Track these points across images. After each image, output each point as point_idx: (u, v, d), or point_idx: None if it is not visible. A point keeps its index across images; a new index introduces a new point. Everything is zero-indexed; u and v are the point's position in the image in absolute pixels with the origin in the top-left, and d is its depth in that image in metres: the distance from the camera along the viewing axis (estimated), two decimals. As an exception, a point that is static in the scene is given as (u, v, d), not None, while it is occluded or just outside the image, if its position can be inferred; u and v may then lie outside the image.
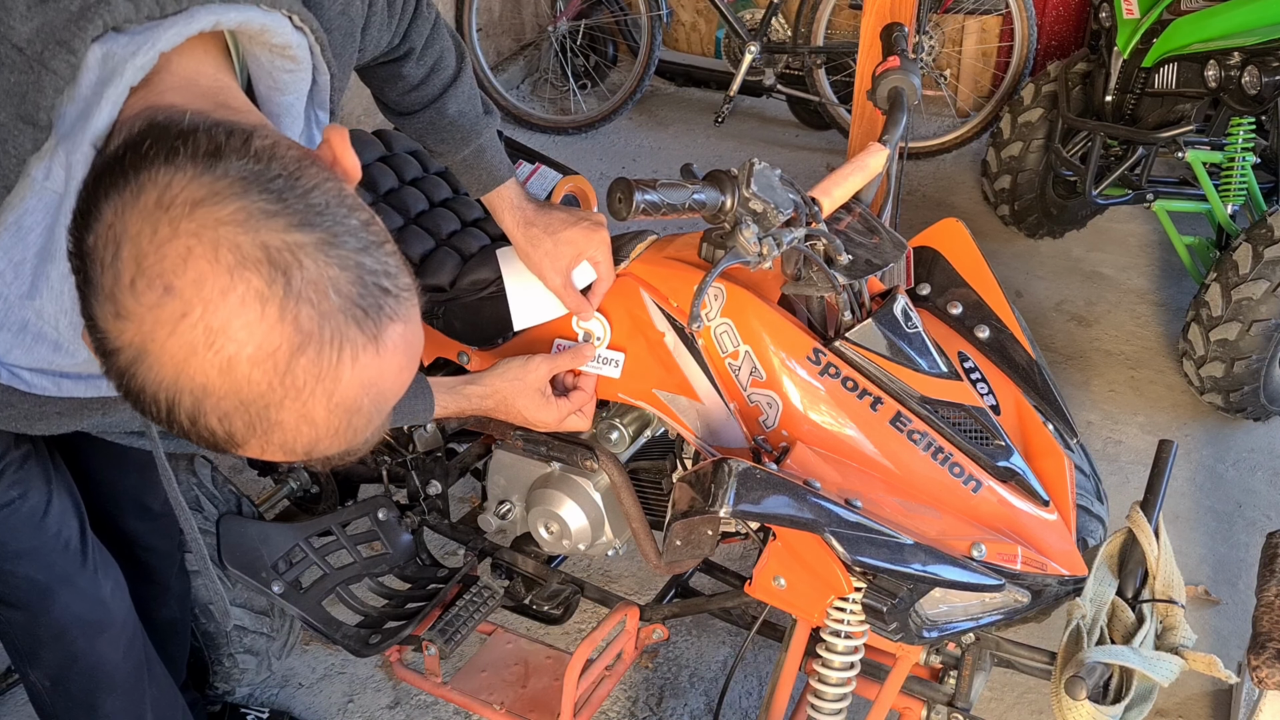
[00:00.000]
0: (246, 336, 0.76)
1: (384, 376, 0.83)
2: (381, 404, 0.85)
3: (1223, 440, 2.93)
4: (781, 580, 1.49)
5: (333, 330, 0.79)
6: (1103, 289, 3.56)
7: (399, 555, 1.99)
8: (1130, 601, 1.50)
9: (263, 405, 0.79)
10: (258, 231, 0.77)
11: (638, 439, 1.74)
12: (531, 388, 1.56)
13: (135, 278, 0.76)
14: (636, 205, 1.25)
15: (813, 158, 4.37)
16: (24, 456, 1.42)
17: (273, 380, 0.78)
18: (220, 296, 0.76)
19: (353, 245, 0.80)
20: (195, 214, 0.76)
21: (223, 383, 0.78)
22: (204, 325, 0.76)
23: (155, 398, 0.79)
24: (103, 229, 0.78)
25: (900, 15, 2.62)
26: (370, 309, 0.80)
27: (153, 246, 0.76)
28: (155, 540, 1.81)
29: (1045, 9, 4.38)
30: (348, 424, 0.83)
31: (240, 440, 0.81)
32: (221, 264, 0.76)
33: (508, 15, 4.85)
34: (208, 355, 0.77)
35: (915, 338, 1.49)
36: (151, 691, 1.68)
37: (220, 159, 0.79)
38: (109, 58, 0.87)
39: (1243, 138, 3.01)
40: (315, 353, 0.78)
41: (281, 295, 0.77)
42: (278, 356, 0.77)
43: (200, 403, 0.78)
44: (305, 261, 0.78)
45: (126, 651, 1.62)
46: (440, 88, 1.49)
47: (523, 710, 1.88)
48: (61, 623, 1.52)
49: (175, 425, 0.81)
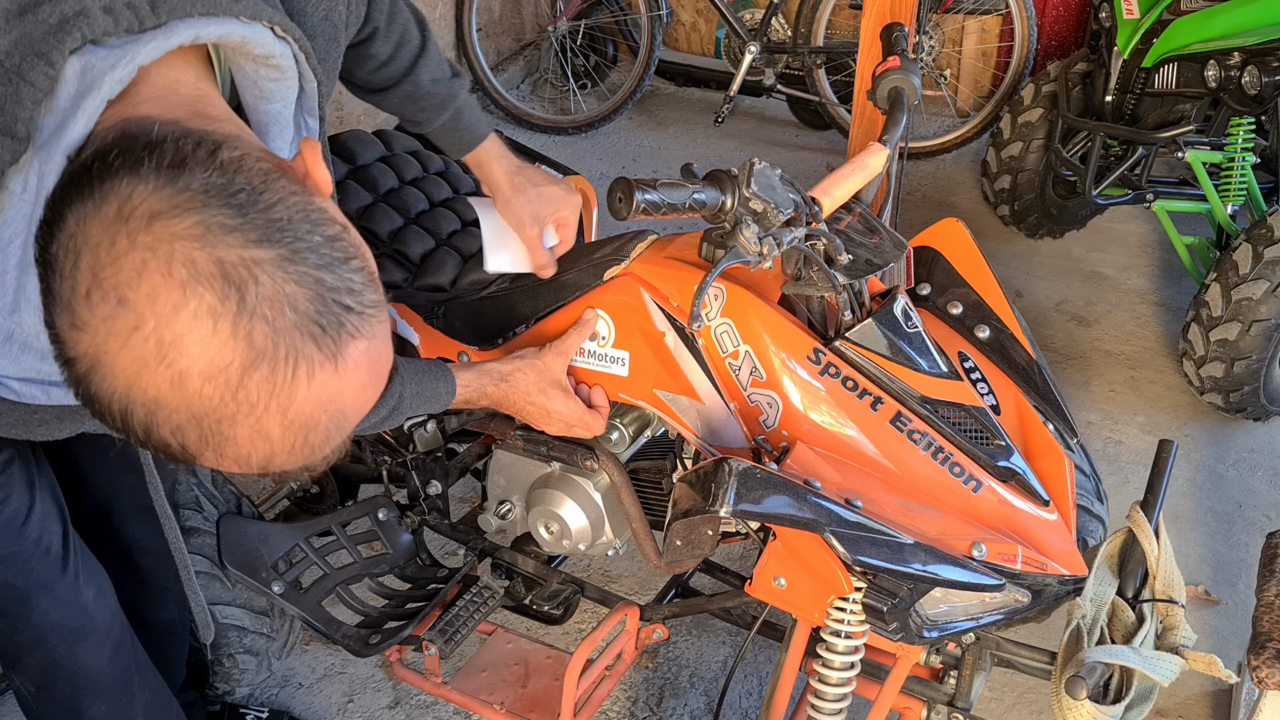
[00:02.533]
0: (198, 352, 0.77)
1: (344, 394, 0.83)
2: (341, 421, 0.85)
3: (1223, 440, 2.93)
4: (782, 580, 1.49)
5: (288, 347, 0.78)
6: (1103, 289, 3.56)
7: (399, 555, 1.99)
8: (1130, 601, 1.50)
9: (215, 420, 0.79)
10: (214, 247, 0.77)
11: (638, 439, 1.74)
12: (550, 374, 1.56)
13: (91, 288, 0.77)
14: (637, 205, 1.25)
15: (813, 158, 4.37)
16: (6, 461, 1.42)
17: (224, 396, 0.78)
18: (173, 311, 0.76)
19: (313, 261, 0.80)
20: (153, 227, 0.76)
21: (174, 396, 0.78)
22: (156, 339, 0.76)
23: (110, 408, 0.80)
24: (65, 238, 0.78)
25: (900, 15, 2.62)
26: (329, 326, 0.80)
27: (110, 258, 0.76)
28: (153, 542, 1.80)
29: (1045, 9, 4.38)
30: (304, 440, 0.83)
31: (194, 452, 0.82)
32: (175, 279, 0.76)
33: (508, 15, 4.85)
34: (159, 369, 0.77)
35: (915, 337, 1.49)
36: (142, 695, 1.67)
37: (184, 171, 0.79)
38: (87, 70, 0.87)
39: (1243, 138, 3.01)
40: (269, 369, 0.78)
41: (235, 311, 0.77)
42: (229, 372, 0.77)
43: (153, 415, 0.79)
44: (261, 278, 0.77)
45: (113, 657, 1.61)
46: (409, 60, 1.49)
47: (523, 710, 1.88)
48: (41, 629, 1.52)
49: (132, 435, 0.81)
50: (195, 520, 1.91)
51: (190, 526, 1.90)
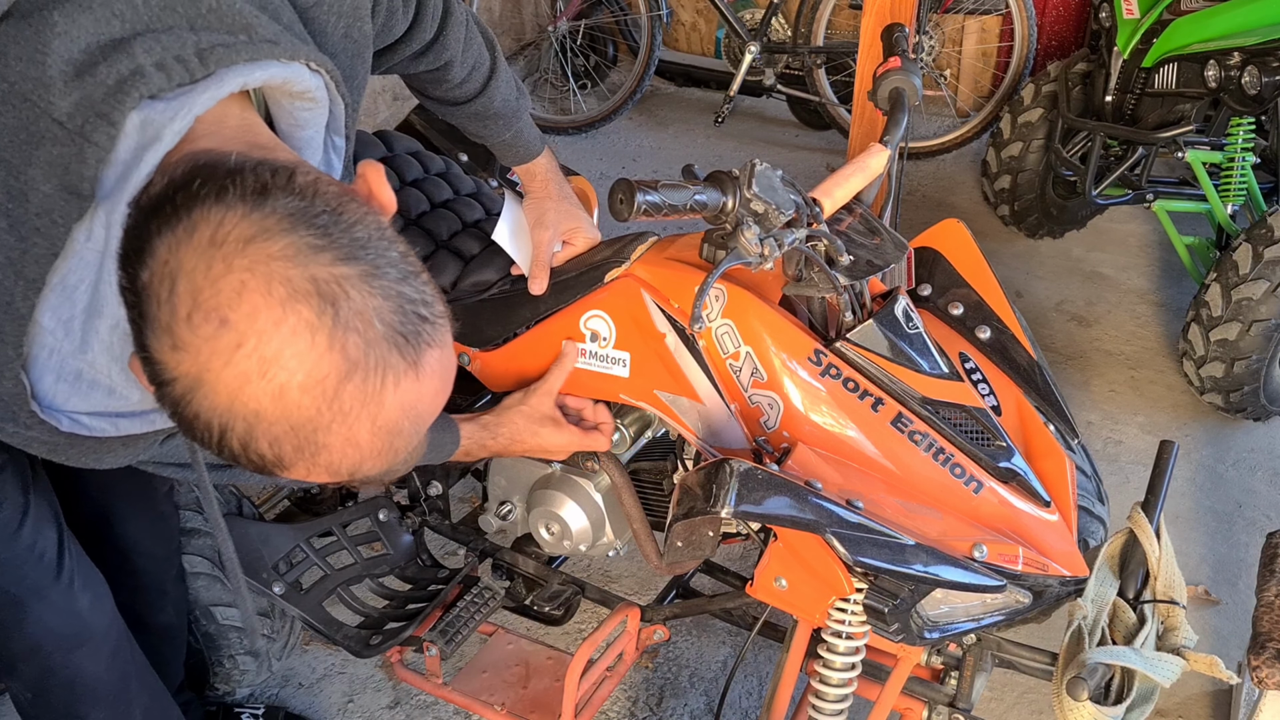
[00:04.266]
0: (297, 365, 0.81)
1: (422, 399, 0.88)
2: (419, 425, 0.90)
3: (1223, 440, 2.93)
4: (783, 581, 1.49)
5: (377, 357, 0.83)
6: (1103, 289, 3.56)
7: (400, 556, 1.99)
8: (1131, 602, 1.50)
9: (311, 429, 0.84)
10: (306, 265, 0.81)
11: (639, 440, 1.74)
12: (538, 414, 1.60)
13: (191, 311, 0.80)
14: (638, 206, 1.25)
15: (813, 158, 4.37)
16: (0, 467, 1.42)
17: (321, 406, 0.83)
18: (273, 327, 0.80)
19: (393, 276, 0.85)
20: (247, 250, 0.81)
21: (274, 409, 0.82)
22: (258, 355, 0.80)
23: (209, 425, 0.83)
24: (157, 265, 0.81)
25: (900, 15, 2.62)
26: (410, 336, 0.85)
27: (208, 282, 0.80)
28: (152, 545, 1.81)
29: (1045, 9, 4.37)
30: (389, 445, 0.88)
31: (288, 463, 0.86)
32: (274, 297, 0.80)
33: (508, 15, 4.85)
34: (261, 383, 0.81)
35: (916, 338, 1.49)
36: (141, 700, 1.67)
37: (268, 196, 0.83)
38: (147, 124, 0.91)
39: (1243, 138, 3.01)
40: (361, 379, 0.83)
41: (330, 325, 0.81)
42: (326, 383, 0.82)
43: (252, 429, 0.83)
44: (351, 292, 0.82)
45: (110, 663, 1.61)
46: (481, 82, 1.56)
47: (524, 711, 1.88)
48: (35, 636, 1.51)
49: (225, 450, 0.85)
50: (195, 521, 1.91)
51: (191, 528, 1.90)
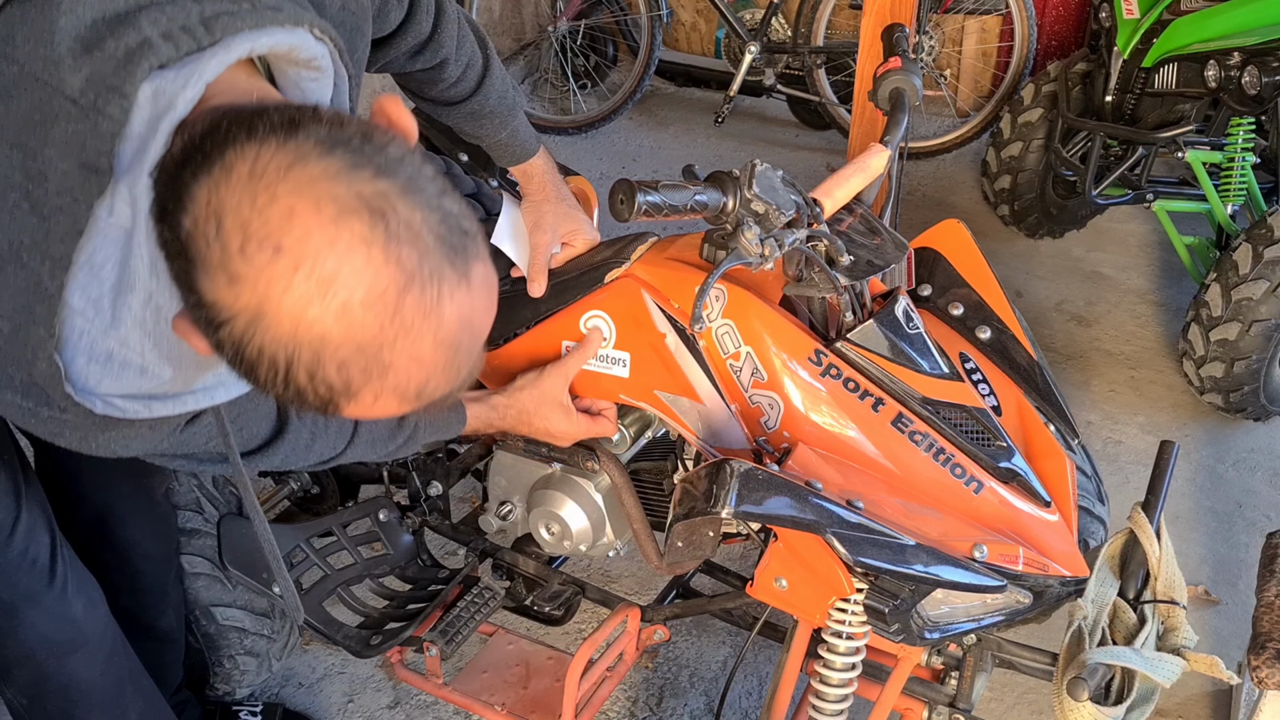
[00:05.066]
0: (356, 281, 0.81)
1: (476, 311, 0.88)
2: (475, 341, 0.90)
3: (1223, 440, 2.93)
4: (783, 581, 1.49)
5: (431, 268, 0.84)
6: (1103, 289, 3.56)
7: (400, 556, 1.99)
8: (1132, 602, 1.50)
9: (376, 348, 0.83)
10: (350, 183, 0.82)
11: (639, 440, 1.74)
12: (551, 398, 1.60)
13: (244, 243, 0.80)
14: (639, 206, 1.25)
15: (813, 158, 4.37)
16: None
17: (384, 321, 0.83)
18: (328, 246, 0.81)
19: (432, 191, 0.86)
20: (289, 176, 0.81)
21: (338, 329, 0.82)
22: (317, 275, 0.80)
23: (274, 359, 0.83)
24: (199, 209, 0.82)
25: (900, 15, 2.62)
26: (458, 248, 0.86)
27: (255, 212, 0.81)
28: (152, 546, 1.80)
29: (1045, 9, 4.37)
30: (451, 360, 0.88)
31: (355, 389, 0.86)
32: (324, 215, 0.81)
33: (508, 15, 4.85)
34: (323, 304, 0.81)
35: (917, 339, 1.49)
36: (137, 704, 1.66)
37: (299, 127, 0.84)
38: (159, 94, 0.91)
39: (1243, 138, 3.00)
40: (419, 290, 0.83)
41: (384, 238, 0.82)
42: (387, 297, 0.82)
43: (319, 354, 0.83)
44: (398, 206, 0.83)
45: (105, 669, 1.60)
46: (476, 80, 1.57)
47: (524, 711, 1.88)
48: (29, 643, 1.51)
49: (292, 385, 0.85)
50: (196, 521, 1.90)
51: (191, 528, 1.89)
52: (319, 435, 1.40)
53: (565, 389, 1.60)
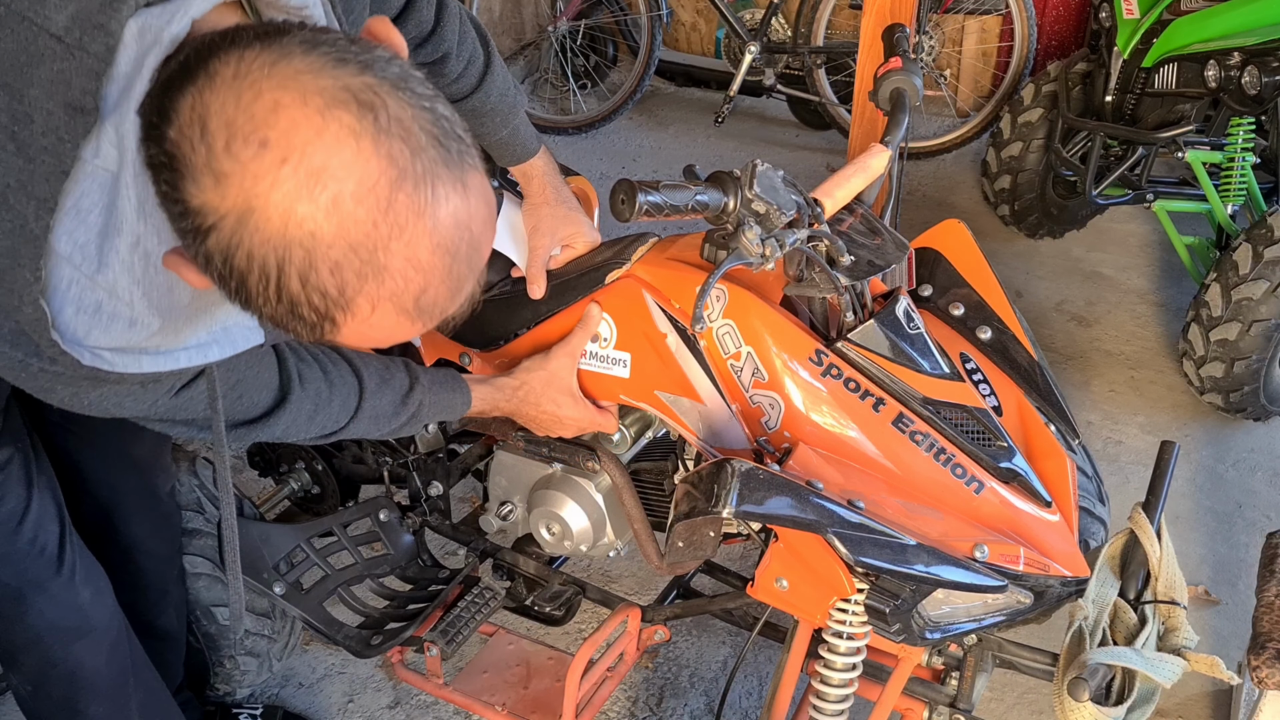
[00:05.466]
0: (346, 173, 0.79)
1: (474, 219, 0.86)
2: (475, 251, 0.87)
3: (1223, 440, 2.93)
4: (784, 581, 1.49)
5: (424, 165, 0.81)
6: (1103, 289, 3.56)
7: (400, 556, 1.99)
8: (1132, 603, 1.50)
9: (370, 248, 0.81)
10: (337, 76, 0.80)
11: (639, 440, 1.74)
12: (558, 379, 1.58)
13: (229, 141, 0.79)
14: (640, 206, 1.25)
15: (813, 158, 4.37)
16: (4, 460, 1.42)
17: (376, 217, 0.80)
18: (316, 137, 0.79)
19: (422, 93, 0.84)
20: (274, 72, 0.80)
21: (330, 226, 0.80)
22: (305, 168, 0.79)
23: (265, 263, 0.81)
24: (183, 117, 0.80)
25: (900, 15, 2.62)
26: (453, 151, 0.84)
27: (239, 110, 0.79)
28: (155, 545, 1.81)
29: (1045, 9, 4.37)
30: (450, 268, 0.85)
31: (351, 295, 0.83)
32: (311, 107, 0.79)
33: (508, 15, 4.85)
34: (313, 196, 0.79)
35: (917, 339, 1.49)
36: (139, 696, 1.67)
37: (282, 34, 0.83)
38: (145, 31, 0.89)
39: (1243, 138, 3.00)
40: (412, 187, 0.81)
41: (373, 130, 0.80)
42: (378, 190, 0.80)
43: (310, 254, 0.80)
44: (388, 100, 0.81)
45: (109, 658, 1.61)
46: (477, 76, 1.56)
47: (524, 711, 1.88)
48: (36, 629, 1.52)
49: (285, 294, 0.82)
50: (196, 521, 1.90)
51: (191, 528, 1.89)
52: (322, 406, 1.38)
53: (573, 371, 1.59)
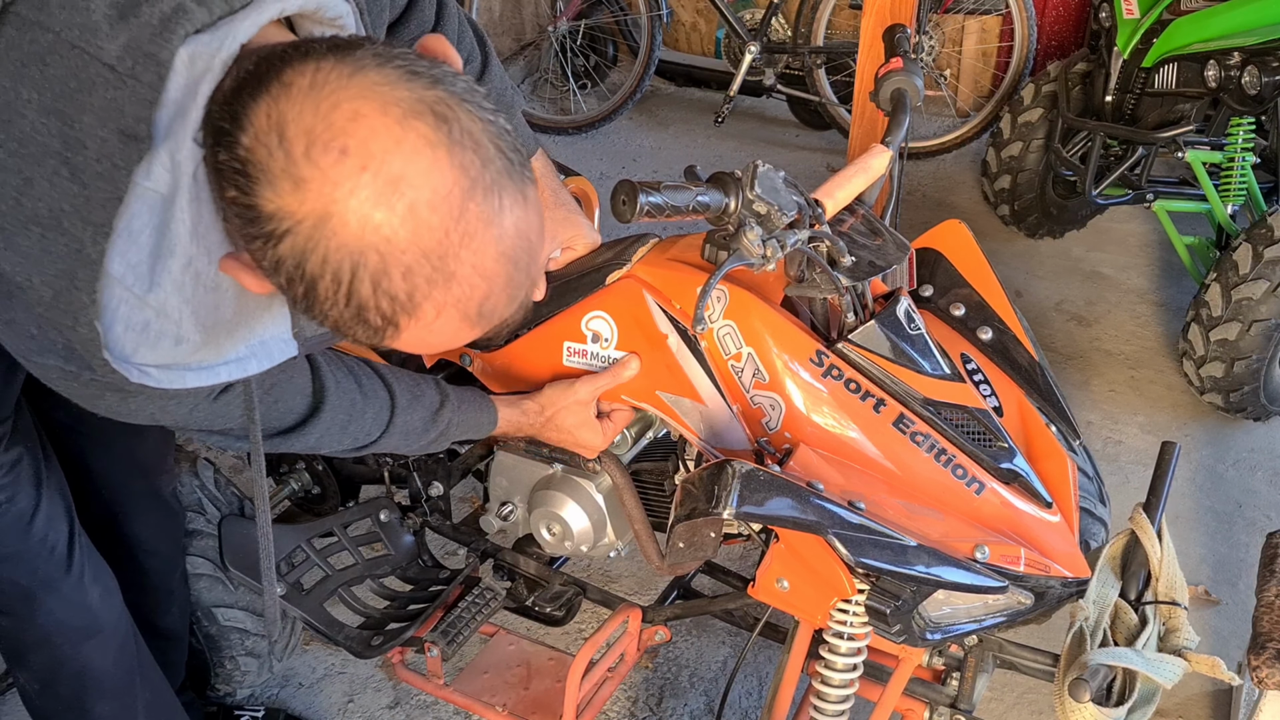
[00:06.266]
0: (423, 181, 0.82)
1: (532, 229, 0.89)
2: (532, 261, 0.90)
3: (1223, 440, 2.93)
4: (784, 582, 1.49)
5: (493, 176, 0.85)
6: (1103, 289, 3.56)
7: (401, 556, 1.99)
8: (1133, 603, 1.50)
9: (441, 255, 0.84)
10: (412, 88, 0.83)
11: (640, 440, 1.74)
12: (582, 406, 1.59)
13: (309, 147, 0.81)
14: (640, 207, 1.25)
15: (813, 158, 4.37)
16: (14, 461, 1.43)
17: (449, 226, 0.83)
18: (395, 146, 0.81)
19: (489, 106, 0.86)
20: (351, 83, 0.83)
21: (405, 232, 0.82)
22: (385, 176, 0.81)
23: (339, 268, 0.83)
24: (259, 124, 0.83)
25: (900, 15, 2.63)
26: (515, 163, 0.87)
27: (318, 118, 0.82)
28: (159, 545, 1.81)
29: (1045, 9, 4.38)
30: (511, 276, 0.89)
31: (419, 300, 0.85)
32: (390, 117, 0.82)
33: (508, 15, 4.85)
34: (390, 203, 0.82)
35: (918, 339, 1.49)
36: (144, 696, 1.67)
37: (355, 47, 0.86)
38: (195, 58, 0.91)
39: (1243, 138, 3.01)
40: (483, 197, 0.84)
41: (448, 141, 0.83)
42: (451, 200, 0.83)
43: (385, 260, 0.83)
44: (459, 113, 0.84)
45: (117, 657, 1.61)
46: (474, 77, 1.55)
47: (525, 712, 1.88)
48: (46, 628, 1.52)
49: (354, 299, 0.85)
50: (198, 522, 1.90)
51: (193, 529, 1.89)
52: (355, 417, 1.39)
53: (594, 400, 1.59)
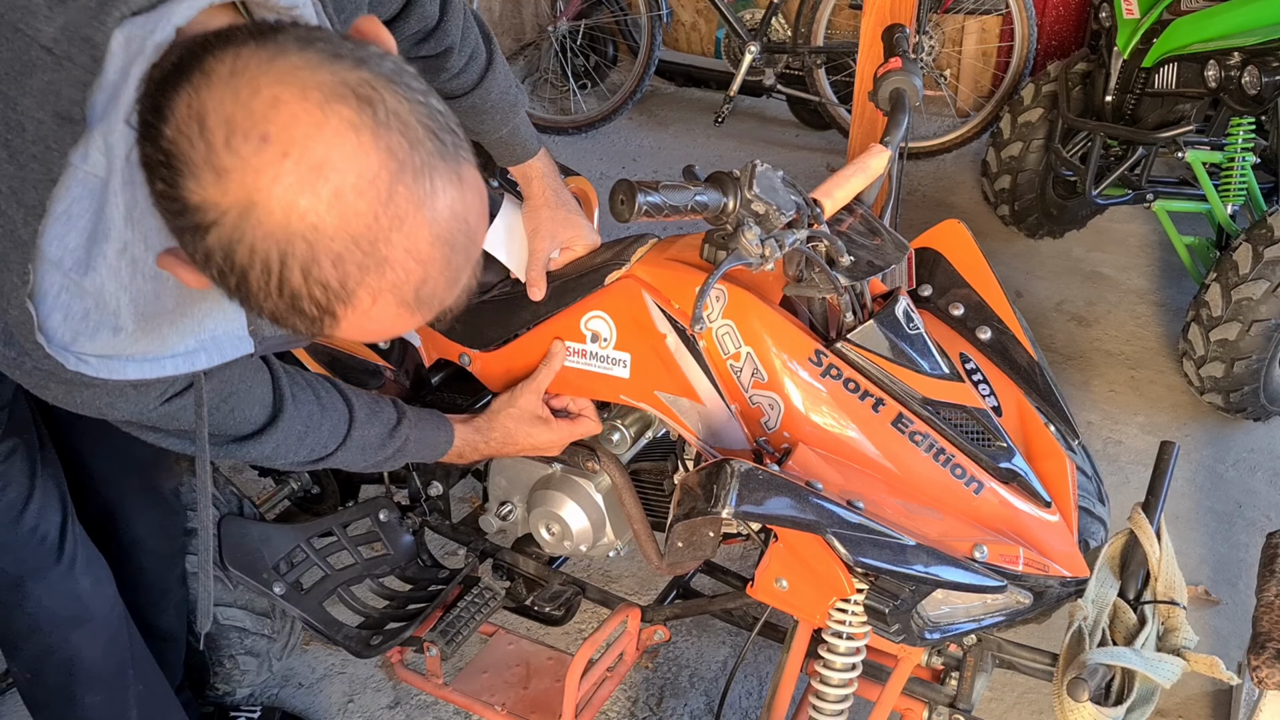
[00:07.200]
0: (347, 166, 0.80)
1: (469, 211, 0.87)
2: (471, 243, 0.89)
3: (1223, 440, 2.93)
4: (783, 582, 1.49)
5: (422, 158, 0.82)
6: (1103, 289, 3.56)
7: (400, 556, 1.99)
8: (1132, 603, 1.50)
9: (371, 240, 0.82)
10: (334, 71, 0.82)
11: (639, 440, 1.74)
12: (527, 414, 1.61)
13: (229, 136, 0.79)
14: (639, 207, 1.25)
15: (813, 158, 4.37)
16: (8, 452, 1.44)
17: (377, 210, 0.81)
18: (316, 131, 0.79)
19: (416, 88, 0.84)
20: (271, 68, 0.80)
21: (331, 218, 0.80)
22: (307, 161, 0.79)
23: (267, 258, 0.81)
24: (180, 115, 0.81)
25: (900, 15, 2.63)
26: (449, 144, 0.85)
27: (238, 106, 0.80)
28: (157, 544, 1.81)
29: (1045, 9, 4.38)
30: (449, 260, 0.86)
31: (352, 287, 0.84)
32: (310, 101, 0.80)
33: (508, 15, 4.85)
34: (314, 192, 0.80)
35: (917, 339, 1.49)
36: (137, 689, 1.67)
37: (277, 31, 0.83)
38: (130, 41, 0.90)
39: (1243, 138, 3.01)
40: (411, 179, 0.82)
41: (372, 123, 0.81)
42: (378, 183, 0.81)
43: (313, 248, 0.81)
44: (384, 94, 0.82)
45: (107, 648, 1.62)
46: (479, 73, 1.57)
47: (524, 711, 1.88)
48: (34, 617, 1.53)
49: (286, 288, 0.83)
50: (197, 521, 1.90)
51: (192, 528, 1.89)
52: (312, 429, 1.40)
53: (539, 403, 1.62)
